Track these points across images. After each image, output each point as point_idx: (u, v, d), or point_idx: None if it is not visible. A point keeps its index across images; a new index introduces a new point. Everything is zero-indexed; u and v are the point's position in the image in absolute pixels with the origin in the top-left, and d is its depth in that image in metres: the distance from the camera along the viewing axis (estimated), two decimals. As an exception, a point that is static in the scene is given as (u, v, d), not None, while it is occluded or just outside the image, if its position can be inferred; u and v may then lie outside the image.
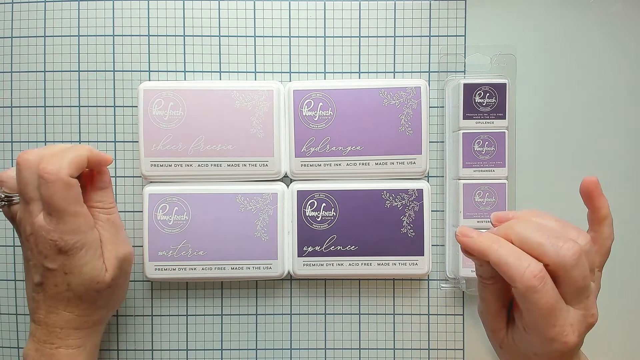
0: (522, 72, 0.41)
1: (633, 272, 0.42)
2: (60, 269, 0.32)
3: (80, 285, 0.33)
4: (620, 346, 0.42)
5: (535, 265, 0.27)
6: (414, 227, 0.40)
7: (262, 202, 0.40)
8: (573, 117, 0.42)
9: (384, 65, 0.42)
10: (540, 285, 0.27)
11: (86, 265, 0.33)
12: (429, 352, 0.42)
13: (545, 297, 0.27)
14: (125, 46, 0.42)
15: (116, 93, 0.42)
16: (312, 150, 0.40)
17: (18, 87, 0.42)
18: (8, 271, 0.42)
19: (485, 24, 0.42)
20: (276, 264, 0.40)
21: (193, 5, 0.41)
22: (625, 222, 0.42)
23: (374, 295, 0.42)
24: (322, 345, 0.42)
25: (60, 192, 0.31)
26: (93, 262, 0.33)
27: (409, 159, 0.40)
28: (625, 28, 0.41)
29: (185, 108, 0.40)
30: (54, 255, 0.32)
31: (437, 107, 0.42)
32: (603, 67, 0.42)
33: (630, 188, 0.42)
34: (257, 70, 0.42)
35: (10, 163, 0.42)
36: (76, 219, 0.32)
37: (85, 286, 0.33)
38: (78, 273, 0.32)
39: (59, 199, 0.31)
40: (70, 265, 0.32)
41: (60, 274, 0.32)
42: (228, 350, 0.42)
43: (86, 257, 0.33)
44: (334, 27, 0.42)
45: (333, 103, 0.40)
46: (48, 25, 0.42)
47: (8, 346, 0.42)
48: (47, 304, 0.33)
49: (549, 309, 0.27)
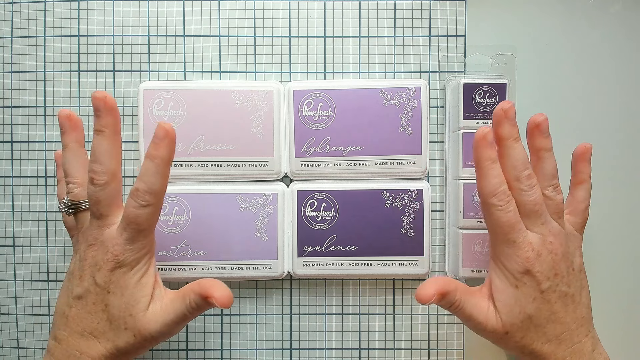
0: (522, 72, 0.41)
1: (630, 272, 0.42)
2: (105, 285, 0.31)
3: (116, 308, 0.31)
4: (615, 345, 0.42)
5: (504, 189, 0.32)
6: (414, 227, 0.40)
7: (262, 202, 0.40)
8: (573, 117, 0.42)
9: (384, 65, 0.42)
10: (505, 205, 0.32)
11: (129, 288, 0.31)
12: (429, 352, 0.42)
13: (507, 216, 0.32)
14: (125, 46, 0.42)
15: (116, 93, 0.42)
16: (312, 150, 0.40)
17: (18, 87, 0.42)
18: (8, 271, 0.42)
19: (485, 24, 0.42)
20: (276, 264, 0.40)
21: (193, 5, 0.41)
22: (623, 222, 0.42)
23: (374, 295, 0.42)
24: (322, 345, 0.42)
25: (150, 215, 0.31)
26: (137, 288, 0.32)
27: (409, 159, 0.40)
28: (624, 28, 0.41)
29: (185, 108, 0.40)
30: (107, 270, 0.31)
31: (437, 107, 0.42)
32: (603, 67, 0.42)
33: (631, 188, 0.42)
34: (257, 70, 0.42)
35: (10, 163, 0.42)
36: (146, 240, 0.32)
37: (120, 310, 0.31)
38: (120, 294, 0.31)
39: (145, 221, 0.31)
40: (117, 284, 0.31)
41: (104, 291, 0.31)
42: (228, 350, 0.42)
43: (133, 278, 0.32)
44: (334, 27, 0.42)
45: (333, 103, 0.40)
46: (48, 25, 0.42)
47: (8, 346, 0.42)
48: (76, 322, 0.32)
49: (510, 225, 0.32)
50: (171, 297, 0.33)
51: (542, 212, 0.33)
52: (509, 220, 0.32)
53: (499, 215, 0.32)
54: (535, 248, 0.32)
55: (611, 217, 0.42)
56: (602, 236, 0.42)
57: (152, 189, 0.31)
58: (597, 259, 0.41)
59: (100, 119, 0.31)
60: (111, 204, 0.32)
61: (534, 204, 0.32)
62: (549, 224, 0.33)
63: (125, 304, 0.31)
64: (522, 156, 0.33)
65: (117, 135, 0.32)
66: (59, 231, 0.42)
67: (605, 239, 0.42)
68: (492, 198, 0.32)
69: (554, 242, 0.33)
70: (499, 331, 0.33)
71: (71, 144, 0.33)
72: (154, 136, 0.31)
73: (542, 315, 0.32)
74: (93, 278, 0.31)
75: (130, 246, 0.31)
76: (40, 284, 0.42)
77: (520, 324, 0.32)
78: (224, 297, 0.31)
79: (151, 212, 0.31)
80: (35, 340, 0.42)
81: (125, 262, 0.31)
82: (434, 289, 0.32)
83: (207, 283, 0.32)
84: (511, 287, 0.32)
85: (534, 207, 0.32)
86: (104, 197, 0.31)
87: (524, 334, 0.32)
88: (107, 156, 0.31)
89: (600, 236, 0.42)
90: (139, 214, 0.31)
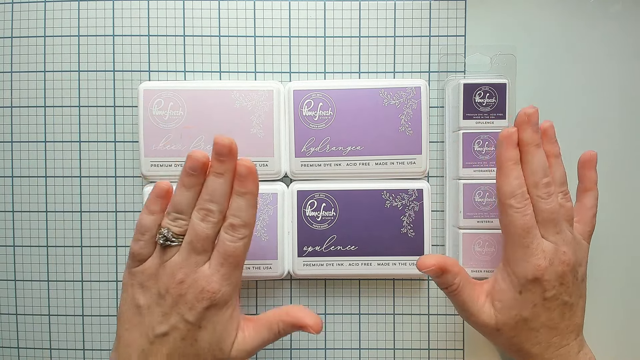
0: (522, 72, 0.41)
1: (626, 272, 0.42)
2: (197, 322, 0.31)
3: (206, 342, 0.31)
4: (610, 345, 0.42)
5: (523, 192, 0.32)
6: (414, 227, 0.40)
7: (262, 202, 0.40)
8: (573, 117, 0.42)
9: (384, 65, 0.42)
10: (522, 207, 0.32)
11: (221, 323, 0.32)
12: (429, 352, 0.42)
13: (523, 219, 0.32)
14: (125, 46, 0.42)
15: (116, 93, 0.42)
16: (312, 150, 0.40)
17: (18, 87, 0.42)
18: (8, 271, 0.42)
19: (485, 24, 0.42)
20: (276, 264, 0.40)
21: (193, 5, 0.41)
22: (622, 222, 0.42)
23: (374, 295, 0.42)
24: (322, 345, 0.42)
25: (246, 247, 0.32)
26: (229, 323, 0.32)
27: (409, 159, 0.40)
28: (624, 28, 0.41)
29: (185, 108, 0.40)
30: (201, 308, 0.31)
31: (437, 107, 0.42)
32: (603, 67, 0.42)
33: (630, 188, 0.42)
34: (257, 70, 0.42)
35: (10, 163, 0.42)
36: (240, 273, 0.32)
37: (210, 345, 0.31)
38: (212, 330, 0.31)
39: (242, 254, 0.32)
40: (208, 320, 0.31)
41: (194, 327, 0.31)
42: (228, 350, 0.42)
43: (226, 314, 0.32)
44: (334, 27, 0.42)
45: (333, 103, 0.40)
46: (48, 25, 0.42)
47: (8, 346, 0.42)
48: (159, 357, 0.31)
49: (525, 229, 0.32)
50: (255, 326, 0.33)
51: (558, 221, 0.33)
52: (526, 223, 0.32)
53: (516, 217, 0.32)
54: (547, 257, 0.32)
55: (610, 218, 0.42)
56: (602, 239, 0.41)
57: (246, 222, 0.32)
58: (597, 264, 0.41)
59: (224, 164, 0.32)
60: (213, 242, 0.32)
61: (551, 212, 0.32)
62: (563, 233, 0.33)
63: (217, 339, 0.32)
64: (543, 163, 0.33)
65: (233, 180, 0.32)
66: (58, 231, 0.42)
67: (606, 243, 0.42)
68: (511, 199, 0.32)
69: (567, 253, 0.32)
70: (490, 327, 0.33)
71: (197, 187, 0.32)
72: (238, 175, 0.32)
73: (538, 320, 0.32)
74: (182, 316, 0.31)
75: (226, 282, 0.31)
76: (40, 284, 0.42)
77: (514, 324, 0.32)
78: (317, 325, 0.32)
79: (246, 243, 0.32)
80: (35, 340, 0.42)
81: (221, 300, 0.31)
82: (434, 261, 0.33)
83: (297, 313, 0.33)
84: (515, 292, 0.32)
85: (551, 216, 0.32)
86: (212, 235, 0.32)
87: (516, 334, 0.33)
88: (224, 198, 0.32)
89: (602, 240, 0.41)
90: (236, 246, 0.31)
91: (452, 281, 0.33)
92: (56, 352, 0.42)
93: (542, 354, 0.33)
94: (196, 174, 0.32)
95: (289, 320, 0.33)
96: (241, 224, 0.32)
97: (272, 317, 0.33)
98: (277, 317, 0.33)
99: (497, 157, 0.34)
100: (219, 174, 0.32)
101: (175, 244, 0.32)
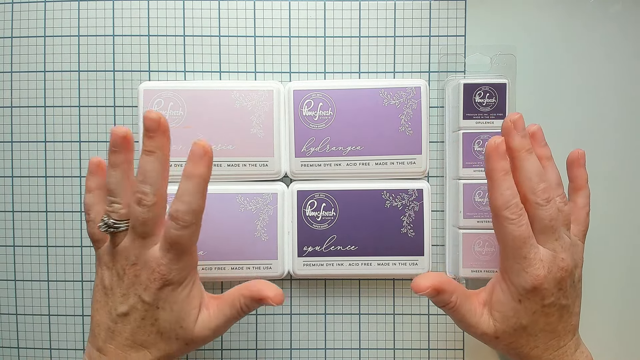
0: (522, 72, 0.41)
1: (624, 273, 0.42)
2: (154, 302, 0.31)
3: (166, 321, 0.31)
4: (608, 345, 0.42)
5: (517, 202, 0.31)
6: (414, 227, 0.40)
7: (262, 202, 0.40)
8: (573, 117, 0.42)
9: (384, 65, 0.42)
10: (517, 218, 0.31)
11: (178, 302, 0.31)
12: (429, 352, 0.42)
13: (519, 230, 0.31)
14: (125, 46, 0.42)
15: (116, 93, 0.42)
16: (312, 150, 0.40)
17: (18, 87, 0.42)
18: (8, 271, 0.42)
19: (485, 24, 0.42)
20: (276, 264, 0.40)
21: (193, 5, 0.41)
22: (621, 222, 0.42)
23: (374, 295, 0.42)
24: (322, 345, 0.42)
25: (192, 235, 0.31)
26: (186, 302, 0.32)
27: (409, 159, 0.40)
28: (624, 29, 0.41)
29: (185, 108, 0.40)
30: (155, 289, 0.31)
31: (437, 107, 0.42)
32: (603, 68, 0.42)
33: (629, 188, 0.42)
34: (257, 70, 0.42)
35: (10, 163, 0.42)
36: (191, 257, 0.32)
37: (170, 324, 0.32)
38: (169, 309, 0.31)
39: (187, 241, 0.31)
40: (165, 300, 0.31)
41: (152, 307, 0.31)
42: (228, 350, 0.42)
43: (182, 294, 0.32)
44: (334, 27, 0.42)
45: (333, 103, 0.40)
46: (48, 25, 0.42)
47: (8, 346, 0.42)
48: (124, 335, 0.31)
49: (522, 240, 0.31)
50: (218, 303, 0.33)
51: (557, 227, 0.32)
52: (522, 234, 0.31)
53: (511, 229, 0.31)
54: (546, 265, 0.31)
55: (609, 218, 0.42)
56: (601, 239, 0.42)
57: (193, 209, 0.30)
58: (596, 264, 0.41)
59: (153, 140, 0.31)
60: (156, 223, 0.31)
61: (550, 219, 0.31)
62: (562, 239, 0.32)
63: (176, 317, 0.31)
64: (537, 168, 0.32)
65: (167, 157, 0.32)
66: (59, 231, 0.42)
67: (605, 243, 0.42)
68: (505, 211, 0.31)
69: (565, 259, 0.32)
70: (489, 335, 0.33)
71: (123, 164, 0.32)
72: (192, 154, 0.31)
73: (537, 326, 0.32)
74: (139, 296, 0.31)
75: (175, 266, 0.31)
76: (40, 284, 0.42)
77: (513, 332, 0.32)
78: (278, 297, 0.32)
79: (192, 231, 0.31)
80: (35, 340, 0.42)
81: (172, 281, 0.31)
82: (430, 282, 0.32)
83: (257, 286, 0.32)
84: (514, 302, 0.32)
85: (550, 223, 0.31)
86: (151, 217, 0.31)
87: (515, 339, 0.33)
88: (157, 178, 0.31)
89: (600, 240, 0.42)
90: (180, 234, 0.30)
91: (449, 299, 0.32)
92: (56, 352, 0.42)
93: (540, 356, 0.32)
94: (118, 150, 0.31)
95: (249, 294, 0.32)
96: (186, 211, 0.30)
97: (234, 294, 0.33)
98: (238, 292, 0.32)
99: (487, 170, 0.32)
100: (150, 152, 0.31)
101: (122, 229, 0.32)
